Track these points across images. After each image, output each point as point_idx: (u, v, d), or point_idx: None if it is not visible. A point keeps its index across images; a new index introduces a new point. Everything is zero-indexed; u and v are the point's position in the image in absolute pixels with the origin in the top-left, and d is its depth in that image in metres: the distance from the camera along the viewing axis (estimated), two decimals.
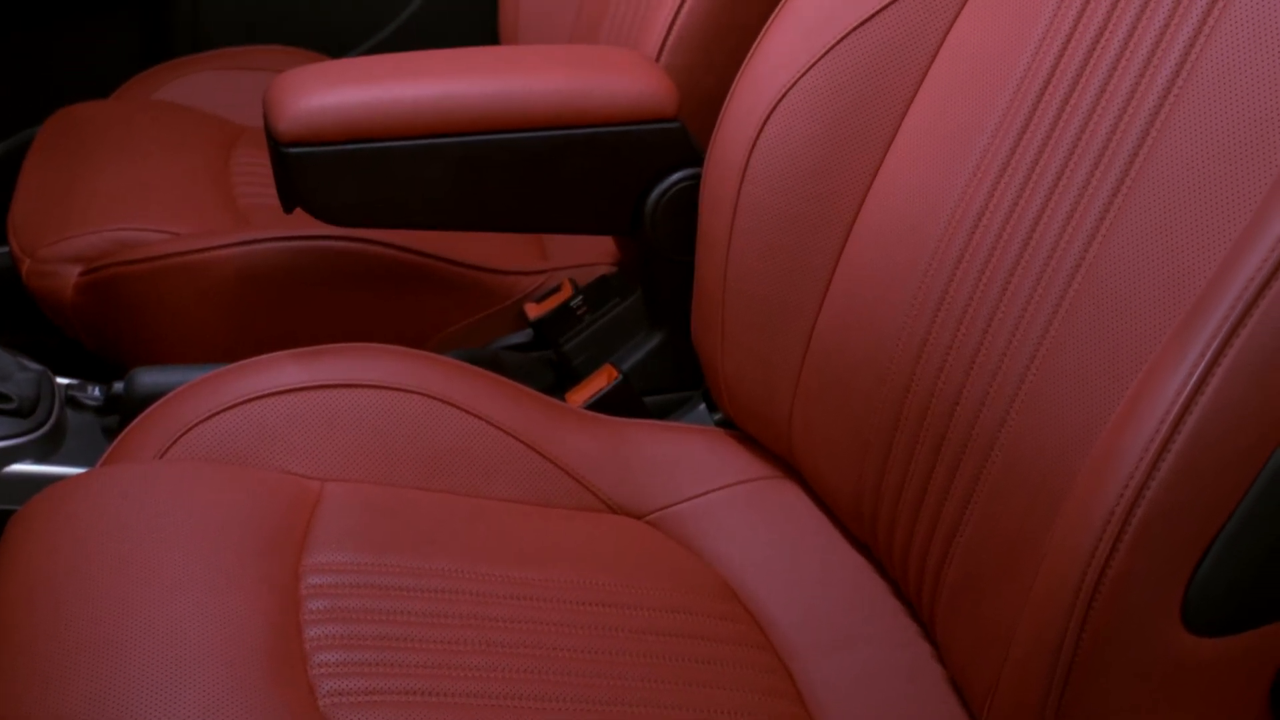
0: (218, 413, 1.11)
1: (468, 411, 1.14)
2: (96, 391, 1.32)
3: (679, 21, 1.33)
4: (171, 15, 1.93)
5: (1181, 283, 0.84)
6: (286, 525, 1.03)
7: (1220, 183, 0.85)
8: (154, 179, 1.56)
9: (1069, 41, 0.98)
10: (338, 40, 1.95)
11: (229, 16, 1.93)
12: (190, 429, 1.10)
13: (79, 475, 1.07)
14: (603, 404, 1.27)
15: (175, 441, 1.10)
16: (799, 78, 1.09)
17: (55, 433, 1.27)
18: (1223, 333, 0.76)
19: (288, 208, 1.23)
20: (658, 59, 1.34)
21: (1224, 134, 0.85)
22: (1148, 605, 0.79)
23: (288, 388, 1.13)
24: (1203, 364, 0.76)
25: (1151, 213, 0.88)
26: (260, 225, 1.49)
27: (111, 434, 1.28)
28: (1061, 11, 0.98)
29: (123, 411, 1.28)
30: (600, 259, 1.44)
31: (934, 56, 1.06)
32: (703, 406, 1.29)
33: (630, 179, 1.24)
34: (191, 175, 1.58)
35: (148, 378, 1.28)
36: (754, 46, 1.14)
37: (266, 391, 1.13)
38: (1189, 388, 0.76)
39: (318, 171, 1.19)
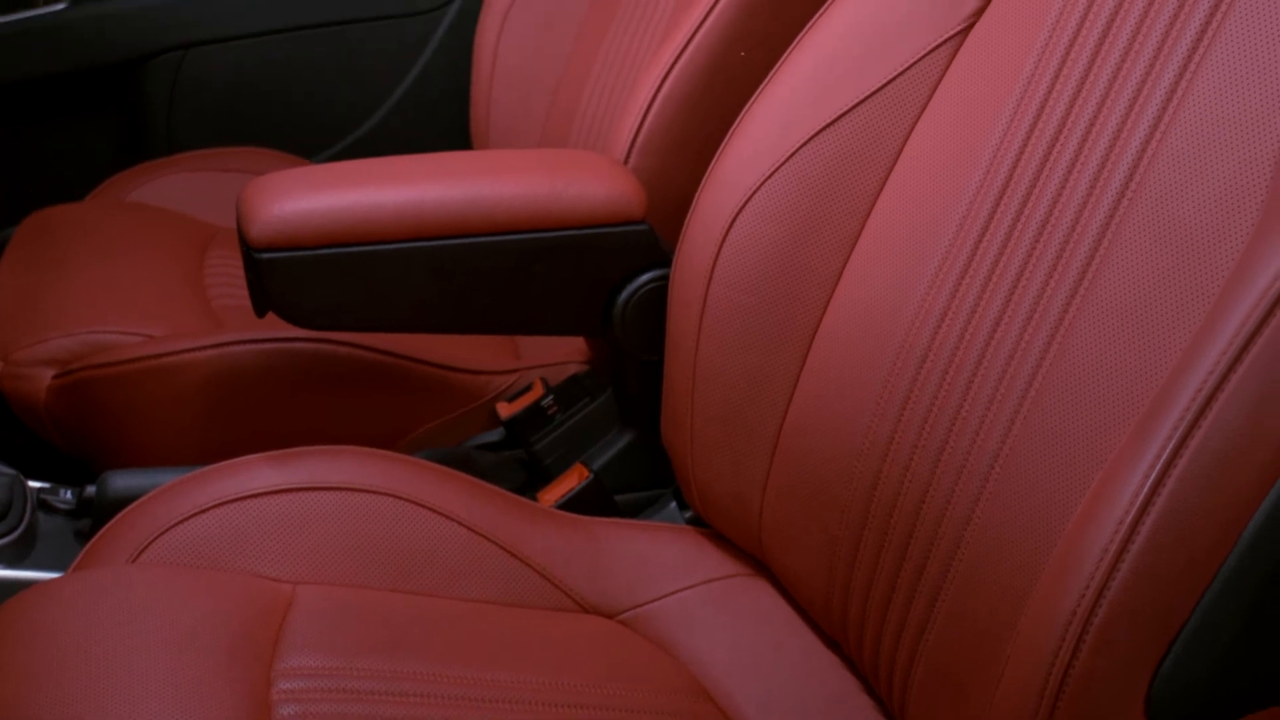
0: (190, 516, 1.12)
1: (439, 513, 1.15)
2: (69, 495, 1.32)
3: (646, 125, 1.35)
4: (146, 118, 1.95)
5: (1139, 382, 0.86)
6: (258, 629, 1.03)
7: (1175, 284, 0.86)
8: (128, 281, 1.57)
9: (1026, 145, 1.00)
10: (310, 142, 1.97)
11: (203, 119, 1.95)
12: (162, 533, 1.11)
13: (50, 581, 1.07)
14: (574, 503, 1.28)
15: (147, 546, 1.10)
16: (764, 181, 1.11)
17: (27, 537, 1.27)
18: (1177, 436, 0.78)
19: (260, 312, 1.24)
20: (626, 161, 1.36)
21: (1177, 237, 0.87)
22: (1112, 704, 0.80)
23: (260, 491, 1.13)
24: (1158, 467, 0.78)
25: (1108, 314, 0.90)
26: (234, 327, 1.50)
27: (84, 538, 1.29)
28: (1018, 116, 1.01)
29: (95, 515, 1.28)
30: (571, 357, 1.45)
31: (895, 160, 1.08)
32: (674, 504, 1.30)
33: (599, 280, 1.26)
34: (165, 277, 1.59)
35: (120, 481, 1.29)
36: (720, 150, 1.16)
37: (239, 495, 1.13)
38: (1145, 490, 0.78)
39: (289, 276, 1.20)
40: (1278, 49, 0.87)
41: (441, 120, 1.96)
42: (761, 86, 1.15)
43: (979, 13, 1.06)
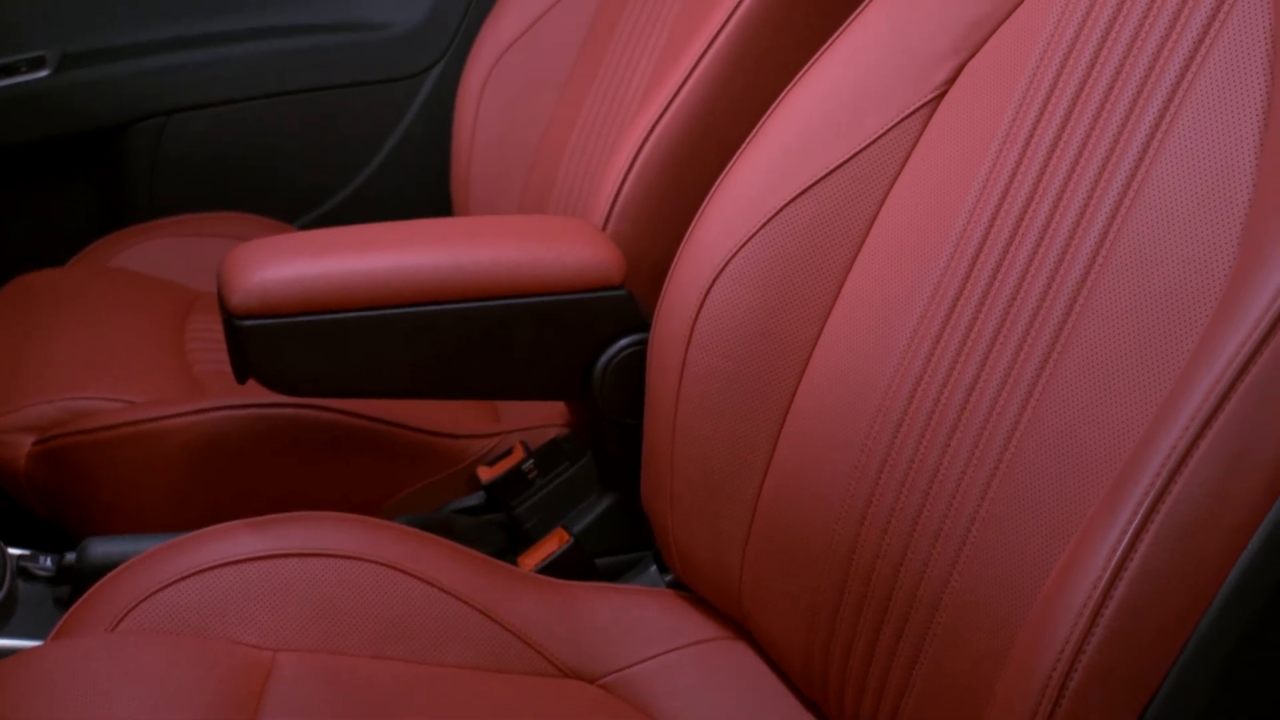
0: (170, 584, 1.12)
1: (419, 578, 1.15)
2: (48, 562, 1.32)
3: (624, 191, 1.36)
4: (128, 183, 1.96)
5: (1112, 446, 0.87)
6: (238, 697, 1.03)
7: (1146, 349, 0.88)
8: (109, 347, 1.57)
9: (999, 211, 1.01)
10: (291, 206, 1.98)
11: (185, 184, 1.96)
12: (142, 601, 1.11)
13: (29, 650, 1.07)
14: (554, 567, 1.28)
15: (127, 614, 1.10)
16: (740, 247, 1.12)
17: (6, 604, 1.26)
18: (1148, 500, 0.79)
19: (241, 379, 1.24)
20: (604, 227, 1.37)
21: (1147, 303, 0.89)
22: None
23: (240, 558, 1.14)
24: (1130, 530, 0.79)
25: (1081, 377, 0.91)
26: (214, 392, 1.50)
27: (63, 605, 1.28)
28: (991, 183, 1.02)
29: (75, 582, 1.28)
30: (552, 421, 1.46)
31: (870, 225, 1.10)
32: (654, 568, 1.30)
33: (578, 346, 1.26)
34: (146, 342, 1.59)
35: (100, 548, 1.29)
36: (698, 215, 1.17)
37: (219, 562, 1.13)
38: (1118, 554, 0.79)
39: (270, 343, 1.21)
40: (1243, 116, 0.89)
41: (422, 185, 1.97)
42: (737, 154, 1.17)
43: (950, 81, 1.08)
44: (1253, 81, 0.89)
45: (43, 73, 1.88)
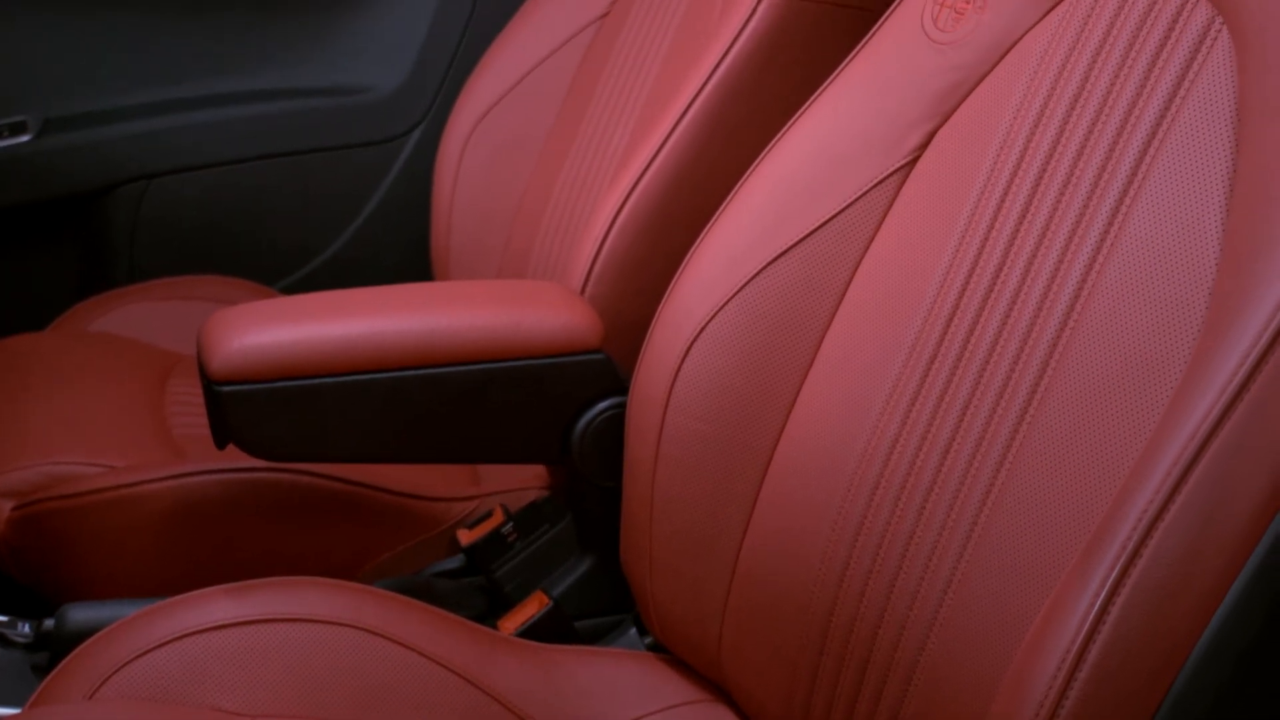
0: (149, 650, 1.12)
1: (399, 643, 1.15)
2: (26, 628, 1.31)
3: (602, 254, 1.37)
4: (109, 247, 1.96)
5: (1086, 507, 0.88)
6: None
7: (1117, 410, 0.89)
8: (89, 412, 1.57)
9: (971, 275, 1.02)
10: (272, 269, 1.99)
11: (165, 248, 1.97)
12: (121, 668, 1.10)
13: (5, 718, 1.07)
14: (534, 630, 1.28)
15: (105, 681, 1.09)
16: (717, 311, 1.13)
17: None
18: (1120, 564, 0.79)
19: (220, 444, 1.25)
20: (583, 290, 1.38)
21: (1117, 366, 0.90)
22: None
23: (219, 623, 1.13)
24: (1103, 594, 0.79)
25: (1055, 439, 0.92)
26: (194, 456, 1.50)
27: (41, 672, 1.28)
28: (964, 247, 1.03)
29: (53, 649, 1.27)
30: (531, 483, 1.46)
31: (846, 288, 1.11)
32: (634, 630, 1.30)
33: (557, 409, 1.27)
34: (126, 407, 1.59)
35: (79, 614, 1.28)
36: (675, 278, 1.18)
37: (198, 628, 1.13)
38: (1091, 617, 0.79)
39: (250, 409, 1.21)
40: (1209, 180, 0.91)
41: (403, 247, 1.98)
42: (714, 218, 1.18)
43: (923, 147, 1.09)
44: (1218, 146, 0.91)
45: (24, 138, 1.89)
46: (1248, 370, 0.81)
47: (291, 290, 1.99)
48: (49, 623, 1.29)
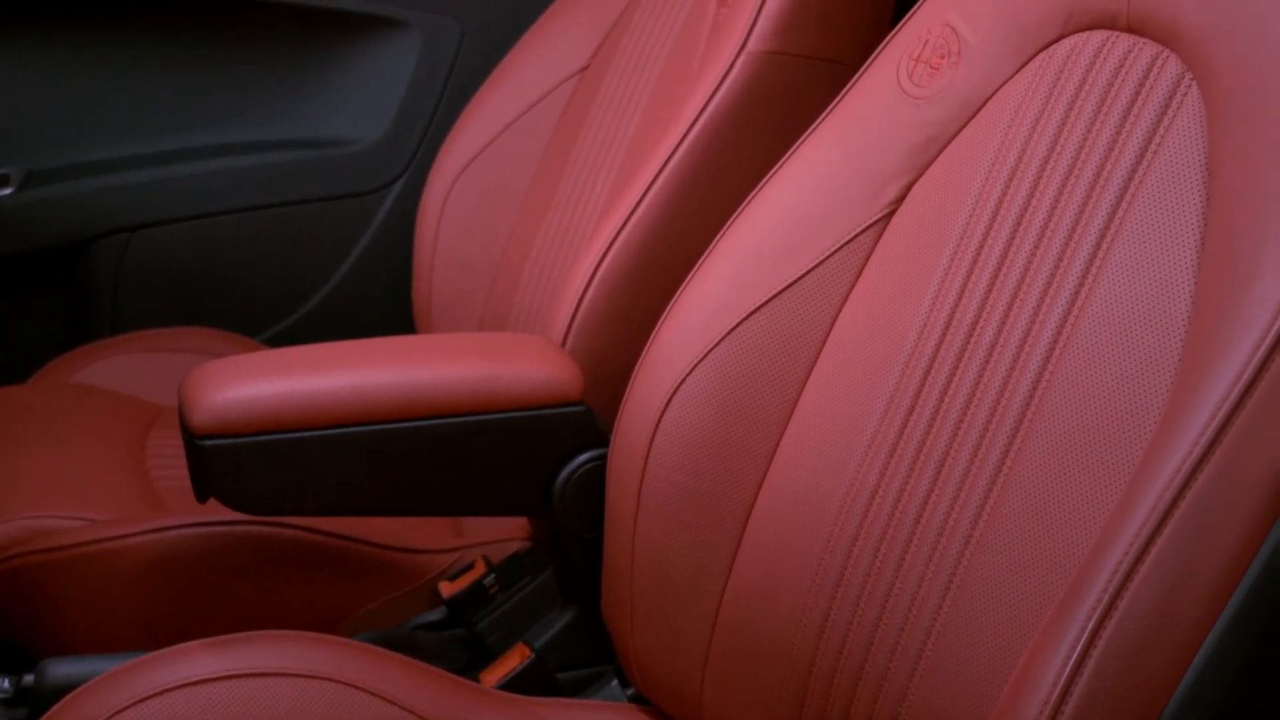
0: (130, 705, 1.11)
1: (381, 697, 1.15)
2: (6, 684, 1.31)
3: (583, 307, 1.38)
4: (91, 299, 1.97)
5: (1061, 561, 0.89)
6: None
7: (1091, 464, 0.89)
8: (69, 465, 1.57)
9: (947, 329, 1.03)
10: (254, 320, 1.99)
11: (148, 299, 1.97)
12: None
13: None
14: (516, 683, 1.28)
15: None
16: (696, 364, 1.14)
17: None
18: (1095, 617, 0.80)
19: (201, 498, 1.25)
20: (564, 342, 1.39)
21: (1091, 420, 0.91)
22: None
23: (200, 678, 1.13)
24: (1079, 647, 0.80)
25: (1030, 493, 0.93)
26: (175, 509, 1.50)
27: None
28: (939, 301, 1.04)
29: (33, 705, 1.27)
30: (513, 534, 1.46)
31: (824, 341, 1.12)
32: (615, 682, 1.30)
33: (538, 462, 1.27)
34: (108, 459, 1.59)
35: (59, 669, 1.28)
36: (655, 330, 1.19)
37: (180, 683, 1.13)
38: (1067, 670, 0.80)
39: (231, 463, 1.21)
40: (1181, 236, 0.92)
41: (385, 299, 1.98)
42: (693, 271, 1.19)
43: (899, 200, 1.10)
44: (1189, 201, 0.92)
45: (6, 191, 1.90)
46: (1219, 424, 0.82)
47: (274, 341, 1.99)
48: (29, 678, 1.29)
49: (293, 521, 1.39)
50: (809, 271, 1.12)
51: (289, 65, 1.99)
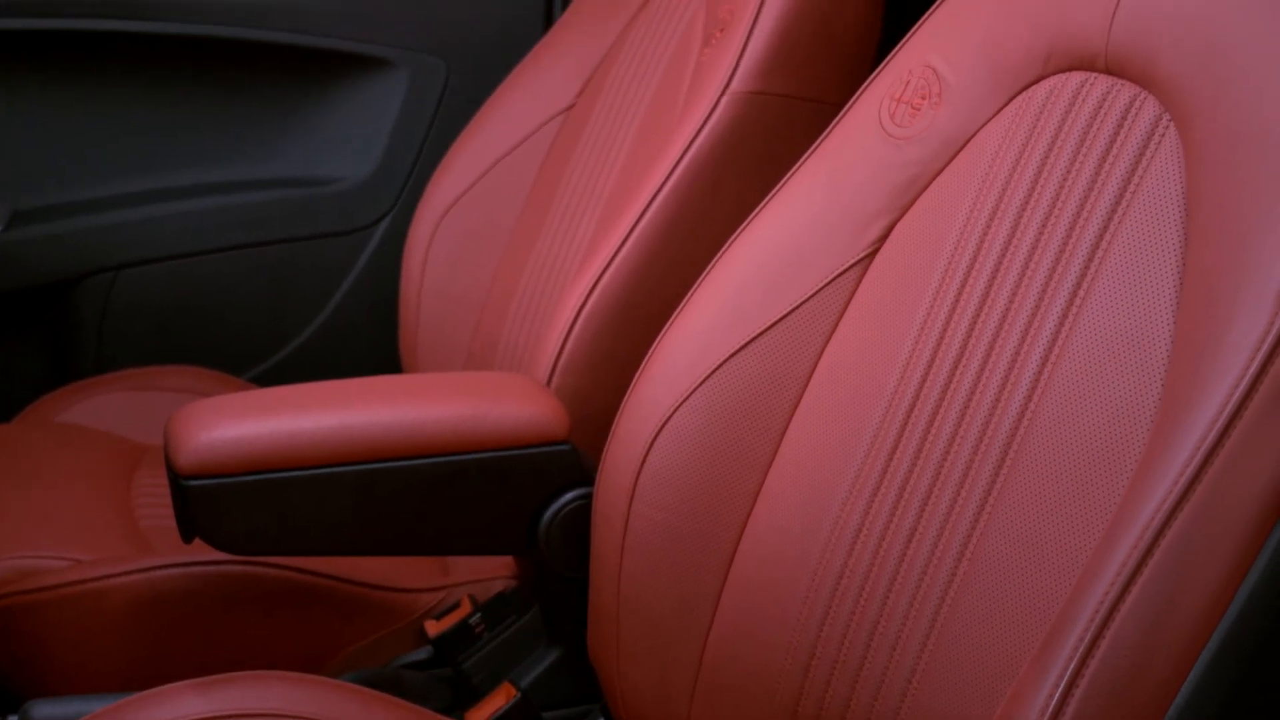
0: None
1: None
2: None
3: (568, 345, 1.39)
4: (76, 338, 1.97)
5: (1045, 598, 0.89)
6: None
7: (1073, 502, 0.90)
8: (55, 504, 1.57)
9: (930, 367, 1.04)
10: (240, 359, 1.99)
11: (133, 338, 1.97)
12: None
13: None
14: None
15: None
16: (681, 403, 1.14)
17: None
18: (1078, 655, 0.80)
19: (187, 538, 1.25)
20: (549, 381, 1.39)
21: (1074, 457, 0.91)
22: None
23: (187, 719, 1.13)
24: (1062, 684, 0.80)
25: (1013, 530, 0.93)
26: (161, 549, 1.50)
27: None
28: (922, 339, 1.05)
29: None
30: (499, 573, 1.46)
31: (808, 380, 1.12)
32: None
33: (523, 501, 1.28)
34: (93, 499, 1.59)
35: (44, 710, 1.27)
36: (640, 369, 1.19)
37: None
38: (1051, 708, 0.80)
39: (217, 503, 1.21)
40: (1160, 275, 0.92)
41: (371, 336, 1.99)
42: (678, 310, 1.19)
43: (881, 239, 1.11)
44: (1168, 240, 0.93)
45: None
46: (1199, 462, 0.82)
47: (260, 379, 1.99)
48: (13, 719, 1.29)
49: (278, 561, 1.39)
50: (793, 310, 1.12)
51: (275, 104, 2.00)
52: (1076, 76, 1.02)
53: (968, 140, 1.07)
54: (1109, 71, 1.00)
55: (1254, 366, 0.82)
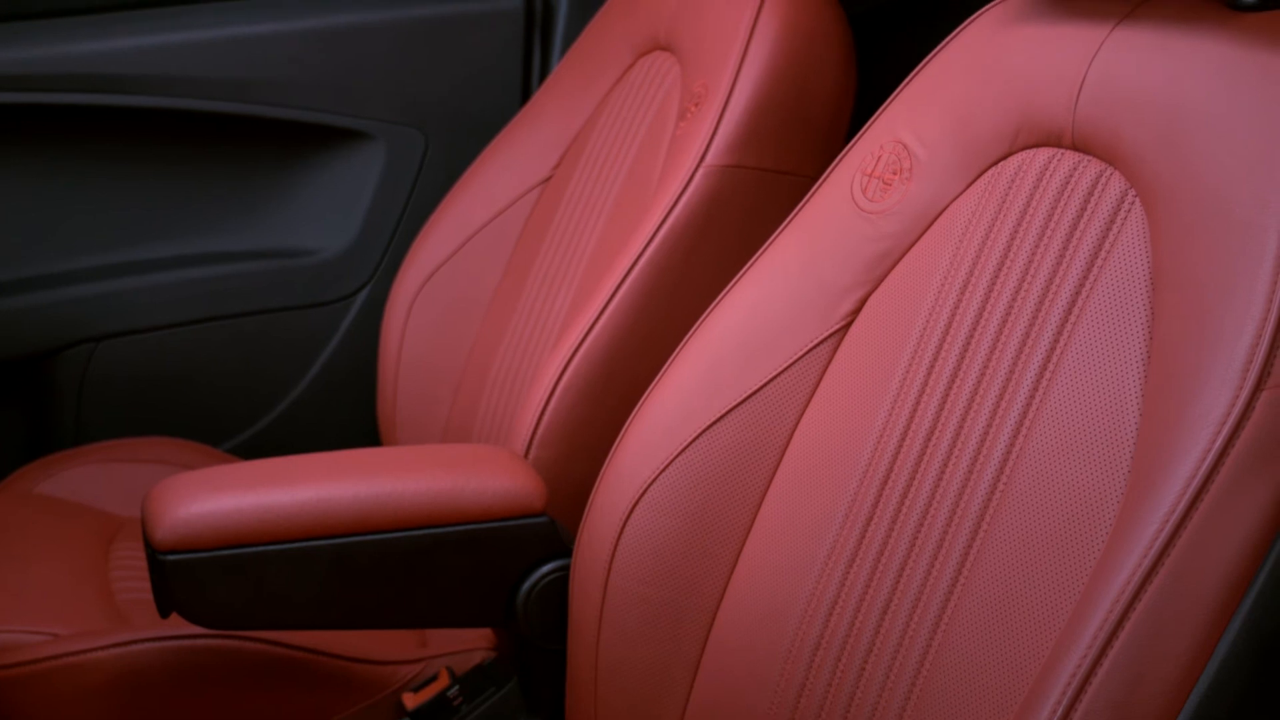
0: None
1: None
2: None
3: (545, 417, 1.39)
4: (54, 410, 1.96)
5: (1020, 669, 0.89)
6: None
7: (1045, 574, 0.91)
8: (32, 578, 1.56)
9: (904, 438, 1.05)
10: (219, 430, 1.99)
11: (111, 409, 1.97)
12: None
13: None
14: None
15: None
16: (658, 474, 1.15)
17: None
18: None
19: (164, 613, 1.24)
20: (527, 453, 1.39)
21: (1046, 528, 0.92)
22: None
23: None
24: None
25: (988, 602, 0.94)
26: (139, 623, 1.49)
27: None
28: (896, 410, 1.06)
29: None
30: (477, 645, 1.46)
31: (783, 452, 1.13)
32: None
33: (501, 573, 1.28)
34: (71, 572, 1.59)
35: None
36: (617, 441, 1.20)
37: None
38: None
39: (194, 578, 1.21)
40: (1127, 350, 0.94)
41: (349, 407, 1.99)
42: (655, 381, 1.20)
43: (855, 313, 1.12)
44: (1134, 314, 0.94)
45: None
46: (1167, 535, 0.83)
47: (239, 450, 1.99)
48: None
49: (256, 635, 1.39)
50: (769, 382, 1.13)
51: (254, 176, 2.01)
52: (1044, 153, 1.03)
53: (939, 214, 1.09)
54: (1075, 148, 1.02)
55: (1219, 441, 0.84)
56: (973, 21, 1.13)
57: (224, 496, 1.23)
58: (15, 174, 1.94)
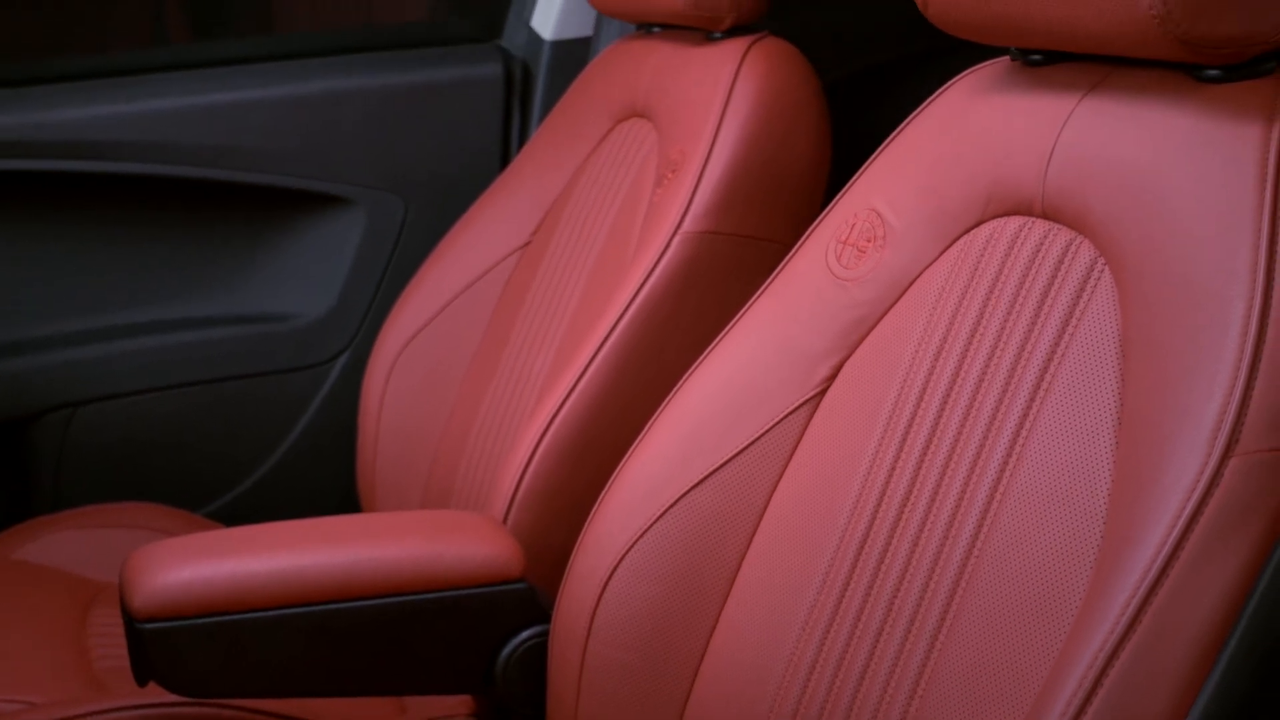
0: None
1: None
2: None
3: (524, 483, 1.40)
4: (33, 475, 1.96)
5: None
6: None
7: (1019, 641, 0.91)
8: (8, 645, 1.56)
9: (880, 503, 1.05)
10: (198, 495, 1.99)
11: (90, 475, 1.96)
12: None
13: None
14: None
15: None
16: (636, 540, 1.15)
17: None
18: None
19: (141, 681, 1.24)
20: (505, 518, 1.40)
21: (1019, 594, 0.93)
22: None
23: None
24: None
25: (962, 668, 0.94)
26: (116, 690, 1.49)
27: None
28: (872, 475, 1.07)
29: None
30: (457, 711, 1.46)
31: (761, 516, 1.13)
32: None
33: (480, 640, 1.28)
34: (47, 639, 1.58)
35: None
36: (595, 507, 1.20)
37: None
38: None
39: (172, 646, 1.21)
40: (1098, 414, 0.95)
41: (328, 472, 1.99)
42: (633, 446, 1.21)
43: (830, 379, 1.13)
44: (1104, 381, 0.95)
45: None
46: (1140, 601, 0.84)
47: (218, 515, 1.99)
48: None
49: (234, 703, 1.38)
50: (747, 447, 1.14)
51: (234, 241, 2.02)
52: (1015, 221, 1.05)
53: (912, 282, 1.10)
54: (1045, 216, 1.03)
55: (1188, 508, 0.84)
56: (945, 91, 1.14)
57: (201, 564, 1.23)
58: None
